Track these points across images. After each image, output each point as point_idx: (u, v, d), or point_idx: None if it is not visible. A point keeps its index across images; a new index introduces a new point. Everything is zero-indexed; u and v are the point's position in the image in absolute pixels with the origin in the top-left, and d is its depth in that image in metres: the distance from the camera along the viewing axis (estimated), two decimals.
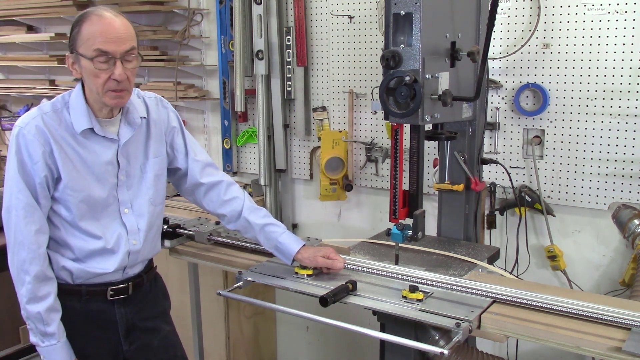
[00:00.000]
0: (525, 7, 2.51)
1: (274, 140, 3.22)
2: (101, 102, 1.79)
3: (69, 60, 1.78)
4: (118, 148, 1.86)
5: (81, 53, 1.72)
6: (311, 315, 1.83)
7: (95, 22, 1.71)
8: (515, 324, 1.67)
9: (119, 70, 1.73)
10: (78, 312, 1.87)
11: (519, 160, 2.62)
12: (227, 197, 2.08)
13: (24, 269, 1.76)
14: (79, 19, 1.75)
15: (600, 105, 2.41)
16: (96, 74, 1.72)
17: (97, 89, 1.74)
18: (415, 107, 1.84)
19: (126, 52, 1.74)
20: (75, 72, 1.77)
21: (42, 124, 1.76)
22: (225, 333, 3.16)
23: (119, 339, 1.94)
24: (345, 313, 1.98)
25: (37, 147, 1.74)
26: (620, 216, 2.40)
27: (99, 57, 1.70)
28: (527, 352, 2.66)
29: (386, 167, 2.96)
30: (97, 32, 1.70)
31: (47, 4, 3.79)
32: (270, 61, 3.11)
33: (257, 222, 2.04)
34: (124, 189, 1.89)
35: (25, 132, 1.75)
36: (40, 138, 1.75)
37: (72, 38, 1.75)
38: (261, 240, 2.06)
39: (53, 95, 4.01)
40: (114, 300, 1.91)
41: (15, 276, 1.79)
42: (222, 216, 2.10)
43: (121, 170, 1.88)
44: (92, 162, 1.82)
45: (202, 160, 2.08)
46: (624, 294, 2.40)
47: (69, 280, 1.86)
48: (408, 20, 1.86)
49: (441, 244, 2.34)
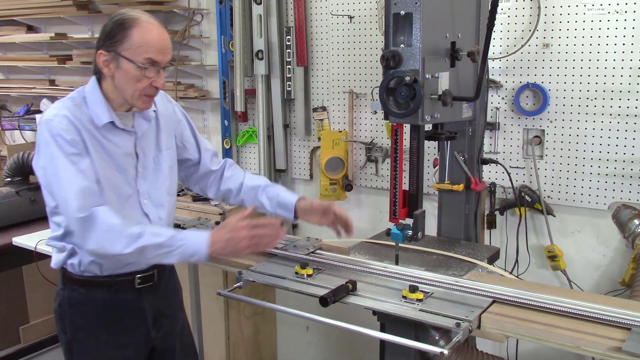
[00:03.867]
0: (525, 7, 2.51)
1: (274, 140, 3.22)
2: (127, 102, 1.84)
3: (102, 57, 1.78)
4: (136, 140, 1.91)
5: (127, 57, 1.75)
6: (311, 315, 1.83)
7: (147, 31, 1.76)
8: (515, 324, 1.66)
9: (162, 80, 1.82)
10: (108, 302, 1.92)
11: (519, 160, 2.62)
12: (229, 173, 2.19)
13: (106, 239, 1.73)
14: (122, 22, 1.76)
15: (600, 105, 2.41)
16: (139, 79, 1.78)
17: (134, 92, 1.80)
18: (415, 107, 1.84)
19: (167, 63, 1.83)
20: (108, 70, 1.80)
21: (70, 116, 1.78)
22: (225, 333, 3.16)
23: (147, 326, 2.00)
24: (345, 313, 1.98)
25: (73, 136, 1.76)
26: (620, 216, 2.40)
27: (150, 66, 1.77)
28: (527, 352, 2.66)
29: (386, 167, 2.96)
30: (151, 42, 1.76)
31: (47, 4, 3.80)
32: (270, 61, 3.12)
33: (259, 183, 2.15)
34: (141, 180, 1.93)
35: (57, 123, 1.75)
36: (73, 128, 1.77)
37: (115, 39, 1.76)
38: (264, 202, 2.13)
39: (53, 95, 4.06)
40: (141, 289, 1.96)
41: (100, 252, 1.76)
42: (229, 192, 2.18)
43: (139, 161, 1.93)
44: (114, 154, 1.86)
45: (210, 150, 2.20)
46: (624, 294, 2.40)
47: (98, 272, 1.90)
48: (408, 20, 1.86)
49: (441, 244, 2.34)
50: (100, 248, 1.75)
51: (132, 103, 1.84)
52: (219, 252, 1.80)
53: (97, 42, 1.82)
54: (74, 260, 1.90)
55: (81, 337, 1.94)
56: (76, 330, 1.94)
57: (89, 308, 1.93)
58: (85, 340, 1.95)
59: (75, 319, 1.94)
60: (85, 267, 1.89)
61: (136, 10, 1.82)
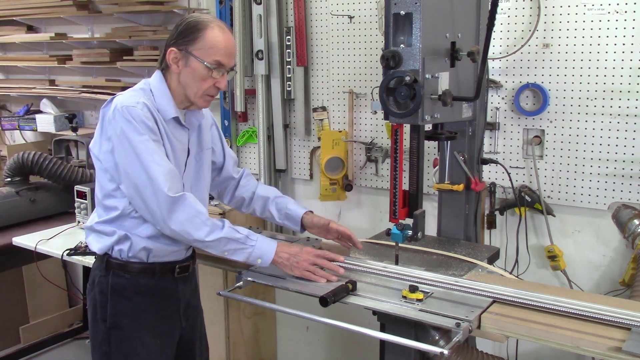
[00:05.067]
0: (525, 7, 2.51)
1: (274, 140, 3.22)
2: (188, 99, 1.93)
3: (172, 54, 1.87)
4: (189, 137, 2.00)
5: (198, 56, 1.85)
6: (311, 315, 1.83)
7: (219, 34, 1.86)
8: (515, 324, 1.66)
9: (225, 82, 1.92)
10: (151, 288, 1.98)
11: (519, 160, 2.62)
12: (244, 182, 2.28)
13: (191, 223, 1.83)
14: (197, 23, 1.86)
15: (600, 105, 2.41)
16: (205, 79, 1.87)
17: (197, 91, 1.89)
18: (415, 107, 1.84)
19: (232, 66, 1.93)
20: (176, 67, 1.88)
21: (149, 104, 1.85)
22: (225, 333, 3.16)
23: (180, 316, 2.07)
24: (345, 313, 1.98)
25: (154, 124, 1.84)
26: (620, 216, 2.40)
27: (217, 67, 1.86)
28: (527, 352, 2.66)
29: (386, 167, 2.96)
30: (222, 45, 1.86)
31: (47, 4, 3.80)
32: (270, 61, 3.12)
33: (269, 194, 2.24)
34: (187, 175, 2.01)
35: (140, 110, 1.82)
36: (151, 116, 1.84)
37: (187, 38, 1.85)
38: (273, 213, 2.22)
39: (53, 95, 4.06)
40: (178, 278, 2.04)
41: (180, 235, 1.85)
42: (242, 200, 2.27)
43: (189, 157, 2.01)
44: (175, 147, 1.94)
45: (233, 157, 2.29)
46: (624, 294, 2.40)
47: (145, 259, 1.96)
48: (408, 20, 1.86)
49: (441, 244, 2.34)
50: (182, 230, 1.83)
51: (194, 101, 1.92)
52: (280, 262, 1.94)
53: (168, 39, 1.90)
54: (122, 246, 1.94)
55: (123, 324, 1.97)
56: (119, 317, 1.97)
57: (133, 293, 1.97)
58: (127, 327, 1.97)
59: (119, 305, 1.97)
60: (135, 252, 1.94)
61: (209, 15, 1.91)
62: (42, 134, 4.25)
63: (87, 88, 3.89)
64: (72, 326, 4.27)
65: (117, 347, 1.97)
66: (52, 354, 4.01)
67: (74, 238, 2.88)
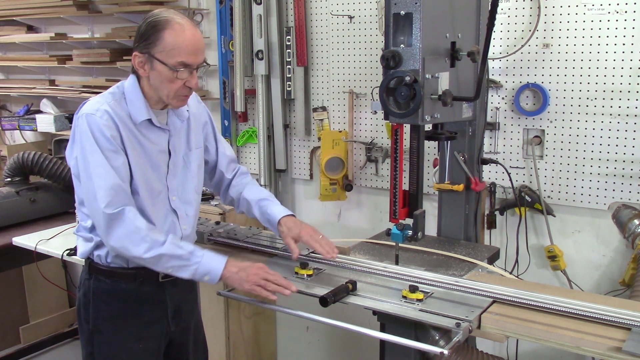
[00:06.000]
0: (525, 7, 2.51)
1: (274, 140, 3.22)
2: (162, 101, 1.89)
3: (137, 59, 1.82)
4: (169, 138, 1.96)
5: (161, 59, 1.79)
6: (311, 315, 1.83)
7: (180, 33, 1.78)
8: (515, 324, 1.67)
9: (196, 80, 1.86)
10: (133, 293, 1.95)
11: (519, 160, 2.62)
12: (236, 182, 2.22)
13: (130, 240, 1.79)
14: (156, 24, 1.79)
15: (600, 105, 2.41)
16: (172, 81, 1.81)
17: (169, 93, 1.84)
18: (415, 107, 1.84)
19: (200, 63, 1.85)
20: (143, 71, 1.84)
21: (111, 111, 1.81)
22: (225, 333, 3.15)
23: (168, 320, 2.03)
24: (345, 313, 1.98)
25: (112, 132, 1.80)
26: (620, 216, 2.40)
27: (181, 69, 1.79)
28: (527, 352, 2.66)
29: (386, 167, 2.96)
30: (183, 45, 1.78)
31: (47, 4, 3.80)
32: (270, 61, 3.11)
33: (252, 198, 2.16)
34: (172, 177, 1.98)
35: (97, 118, 1.79)
36: (112, 124, 1.80)
37: (148, 41, 1.79)
38: (257, 216, 2.15)
39: (53, 95, 4.06)
40: (164, 283, 1.99)
41: (119, 251, 1.82)
42: (233, 201, 2.23)
43: (171, 159, 1.97)
44: (149, 150, 1.90)
45: (229, 156, 2.23)
46: (624, 294, 2.40)
47: (125, 264, 1.93)
48: (408, 20, 1.86)
49: (441, 244, 2.34)
50: (121, 247, 1.79)
51: (168, 102, 1.88)
52: (230, 277, 1.88)
53: (133, 42, 1.86)
54: (100, 252, 1.93)
55: (104, 327, 1.97)
56: (99, 321, 1.97)
57: (114, 299, 1.96)
58: (107, 331, 1.97)
59: (100, 309, 1.96)
60: (112, 259, 1.93)
61: (170, 10, 1.85)
62: (42, 134, 4.25)
63: (87, 88, 3.89)
64: (72, 326, 4.26)
65: (99, 349, 1.98)
66: (52, 354, 4.01)
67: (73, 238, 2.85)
